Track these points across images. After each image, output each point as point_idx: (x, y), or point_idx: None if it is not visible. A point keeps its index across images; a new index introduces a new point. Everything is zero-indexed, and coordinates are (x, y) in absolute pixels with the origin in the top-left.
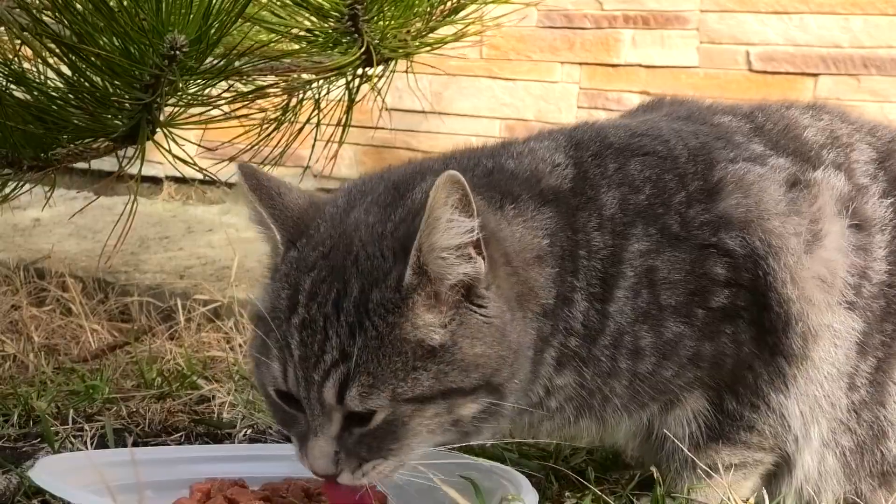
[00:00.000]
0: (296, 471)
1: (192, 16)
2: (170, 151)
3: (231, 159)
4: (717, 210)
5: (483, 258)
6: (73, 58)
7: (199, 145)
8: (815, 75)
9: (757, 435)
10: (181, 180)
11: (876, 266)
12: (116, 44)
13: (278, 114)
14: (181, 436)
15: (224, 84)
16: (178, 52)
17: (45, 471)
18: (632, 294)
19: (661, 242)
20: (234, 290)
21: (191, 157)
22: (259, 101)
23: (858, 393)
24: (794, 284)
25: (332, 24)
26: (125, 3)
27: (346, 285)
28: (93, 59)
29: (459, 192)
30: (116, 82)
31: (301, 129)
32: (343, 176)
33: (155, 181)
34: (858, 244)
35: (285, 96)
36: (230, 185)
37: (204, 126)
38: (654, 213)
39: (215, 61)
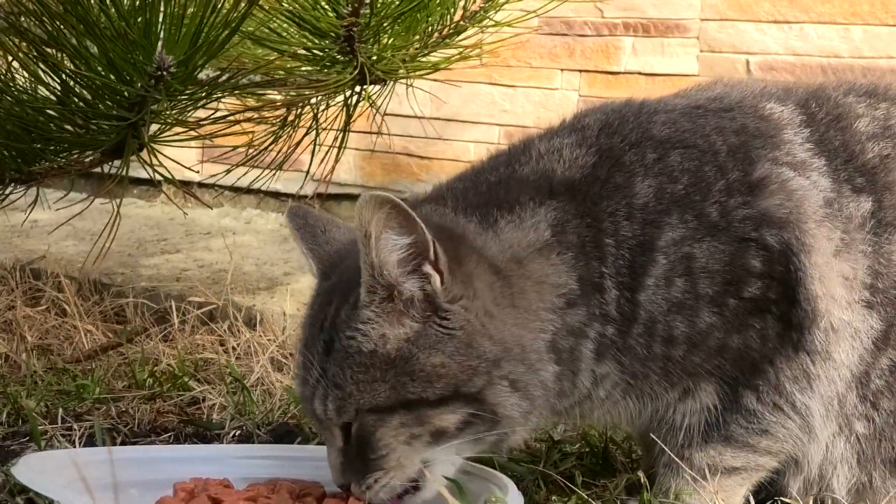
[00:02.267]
0: (282, 472)
1: (182, 34)
2: (152, 164)
3: (228, 171)
4: (760, 206)
5: (440, 273)
6: (62, 75)
7: (191, 168)
8: None
9: (769, 438)
10: (181, 184)
11: (889, 262)
12: (104, 61)
13: (276, 127)
14: (170, 436)
15: (217, 99)
16: (164, 73)
17: (28, 468)
18: (664, 282)
19: (699, 230)
20: (230, 293)
21: (170, 174)
22: (256, 115)
23: (874, 384)
24: (821, 282)
25: (327, 43)
26: (114, 22)
27: (330, 307)
28: (80, 75)
29: (385, 209)
30: (104, 99)
31: (299, 143)
32: (342, 181)
33: (154, 185)
34: (878, 245)
35: (283, 111)
36: (233, 190)
37: (200, 143)
38: (691, 200)
39: (208, 77)
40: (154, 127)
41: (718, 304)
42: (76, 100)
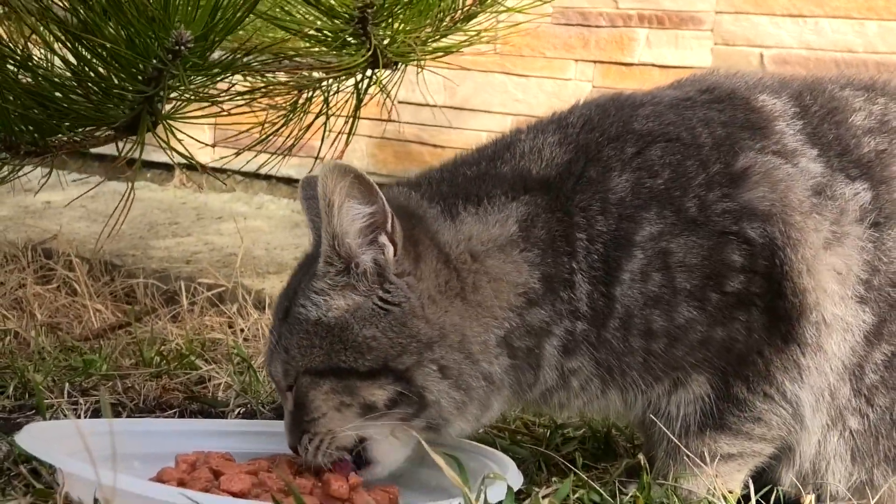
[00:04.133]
0: (283, 448)
1: (199, 11)
2: (168, 143)
3: (237, 153)
4: (741, 199)
5: (395, 245)
6: (79, 47)
7: (206, 146)
8: None
9: (762, 426)
10: (193, 168)
11: (889, 259)
12: (122, 35)
13: (286, 110)
14: (175, 412)
15: (230, 79)
16: (182, 48)
17: (31, 436)
18: (641, 277)
19: (676, 225)
20: (240, 276)
21: (187, 151)
22: (267, 98)
23: (868, 378)
24: (810, 275)
25: (340, 24)
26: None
27: (297, 276)
28: (97, 48)
29: (348, 178)
30: (120, 73)
31: (309, 126)
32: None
33: (167, 168)
34: (874, 239)
35: (295, 93)
36: (245, 175)
37: (213, 120)
38: (670, 196)
39: (223, 56)
40: (168, 107)
41: (699, 298)
42: (92, 74)
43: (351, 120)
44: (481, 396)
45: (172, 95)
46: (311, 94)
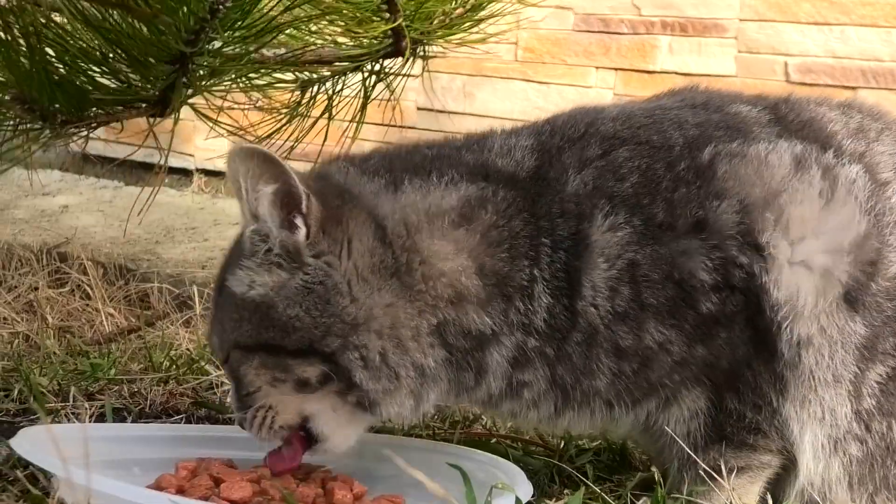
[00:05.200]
0: None
1: None
2: (200, 113)
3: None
4: (708, 186)
5: (308, 227)
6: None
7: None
8: (854, 88)
9: (763, 437)
10: (211, 173)
11: (888, 264)
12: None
13: (294, 104)
14: (181, 418)
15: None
16: (221, 6)
17: (28, 441)
18: (607, 290)
19: (645, 235)
20: None
21: (217, 123)
22: (307, 54)
23: (866, 401)
24: (785, 286)
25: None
26: None
27: (230, 254)
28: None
29: (255, 160)
30: (158, 33)
31: (316, 121)
32: None
33: (185, 173)
34: (868, 242)
35: (300, 91)
36: None
37: (250, 89)
38: (638, 203)
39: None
40: (204, 76)
41: (671, 315)
42: (128, 36)
43: (356, 119)
44: (412, 387)
45: (205, 63)
46: (316, 89)
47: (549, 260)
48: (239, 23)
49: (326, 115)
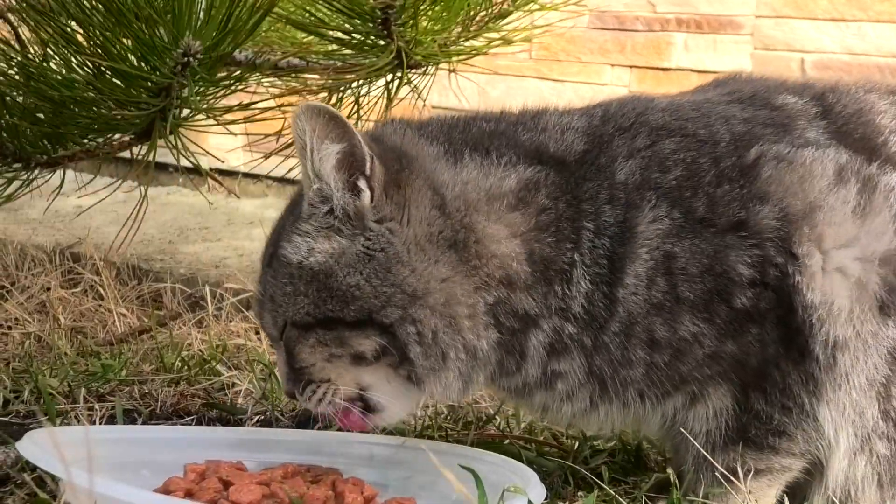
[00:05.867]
0: (298, 457)
1: (210, 20)
2: (177, 149)
3: (265, 156)
4: (752, 186)
5: (372, 190)
6: (90, 63)
7: (225, 151)
8: None
9: (787, 440)
10: (225, 173)
11: None
12: (132, 47)
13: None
14: (192, 419)
15: (258, 79)
16: (191, 59)
17: (34, 443)
18: (647, 280)
19: (684, 228)
20: None
21: (196, 162)
22: (295, 98)
23: (895, 401)
24: (820, 290)
25: (361, 25)
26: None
27: (282, 220)
28: (108, 61)
29: (322, 118)
30: (131, 87)
31: None
32: None
33: (200, 173)
34: None
35: (325, 94)
36: (277, 180)
37: (243, 130)
38: (681, 195)
39: (246, 57)
40: (184, 113)
41: (704, 309)
42: (104, 86)
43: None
44: (462, 369)
45: (184, 107)
46: (341, 95)
47: (591, 245)
48: (208, 76)
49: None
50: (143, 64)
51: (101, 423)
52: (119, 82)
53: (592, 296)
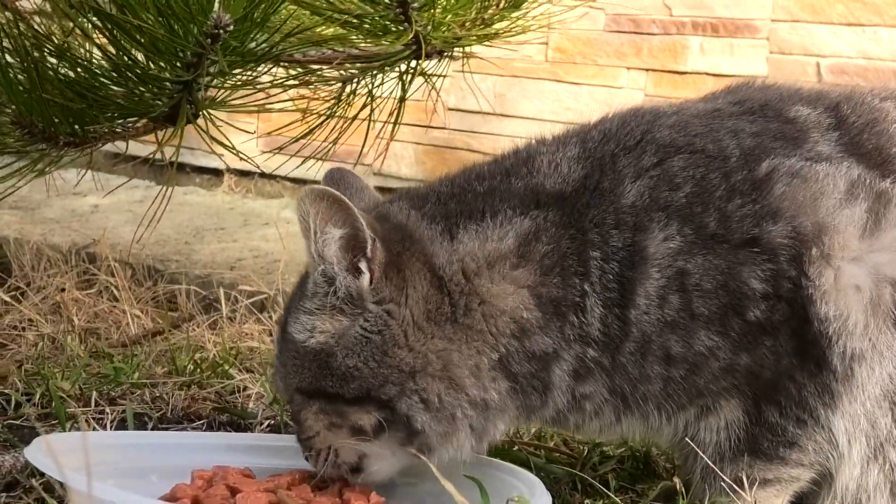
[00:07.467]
0: (306, 463)
1: None
2: (208, 134)
3: (280, 149)
4: (764, 202)
5: (371, 272)
6: (116, 32)
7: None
8: None
9: (798, 451)
10: (242, 173)
11: None
12: (160, 19)
13: (330, 103)
14: (203, 423)
15: (273, 71)
16: (221, 31)
17: (42, 449)
18: (658, 299)
19: (696, 244)
20: (283, 283)
21: (230, 142)
22: (308, 90)
23: None
24: (834, 303)
25: (380, 9)
26: None
27: (298, 288)
28: (135, 33)
29: (324, 202)
30: (159, 60)
31: (355, 117)
32: (404, 175)
33: (216, 173)
34: None
35: (339, 85)
36: (293, 181)
37: (255, 117)
38: (691, 212)
39: (261, 42)
40: (209, 95)
41: (719, 324)
42: (130, 61)
43: (396, 112)
44: (474, 424)
45: (213, 83)
46: (354, 86)
47: (600, 272)
48: (239, 47)
49: (367, 114)
50: (170, 36)
51: (111, 427)
52: (144, 58)
53: (606, 319)
